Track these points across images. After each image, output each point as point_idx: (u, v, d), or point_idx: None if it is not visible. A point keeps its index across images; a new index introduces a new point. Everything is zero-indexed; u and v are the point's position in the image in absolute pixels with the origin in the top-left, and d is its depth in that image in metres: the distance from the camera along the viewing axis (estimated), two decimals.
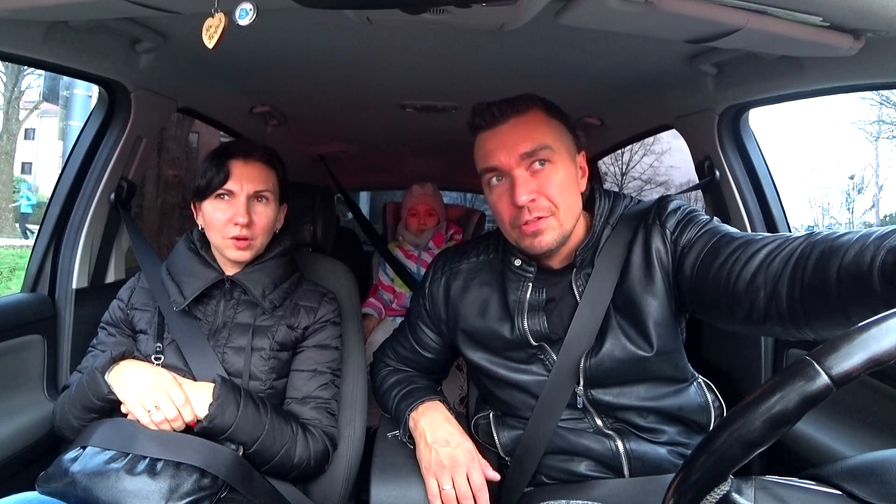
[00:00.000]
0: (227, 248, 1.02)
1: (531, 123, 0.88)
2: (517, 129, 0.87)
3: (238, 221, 0.99)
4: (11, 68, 9.78)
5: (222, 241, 1.02)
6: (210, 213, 1.02)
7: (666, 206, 0.91)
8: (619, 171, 13.10)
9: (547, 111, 0.90)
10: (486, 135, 0.90)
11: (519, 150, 0.86)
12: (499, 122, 0.89)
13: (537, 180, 0.87)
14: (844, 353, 0.39)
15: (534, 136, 0.87)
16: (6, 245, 8.14)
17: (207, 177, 1.01)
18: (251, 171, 1.02)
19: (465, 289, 1.01)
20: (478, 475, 0.89)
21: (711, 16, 0.74)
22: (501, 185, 0.89)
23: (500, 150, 0.88)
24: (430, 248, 2.19)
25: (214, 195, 1.01)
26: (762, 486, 0.46)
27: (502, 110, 0.88)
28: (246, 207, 1.00)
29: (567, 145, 0.91)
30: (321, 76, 1.34)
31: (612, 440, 0.92)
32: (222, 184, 1.00)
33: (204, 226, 1.05)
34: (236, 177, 1.01)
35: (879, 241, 0.58)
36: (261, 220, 1.03)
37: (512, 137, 0.87)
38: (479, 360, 0.98)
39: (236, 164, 1.01)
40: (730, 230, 0.84)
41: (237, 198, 1.01)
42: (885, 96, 12.40)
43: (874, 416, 0.98)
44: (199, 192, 1.02)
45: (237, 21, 0.70)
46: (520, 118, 0.88)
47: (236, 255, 1.02)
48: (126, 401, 0.91)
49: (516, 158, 0.86)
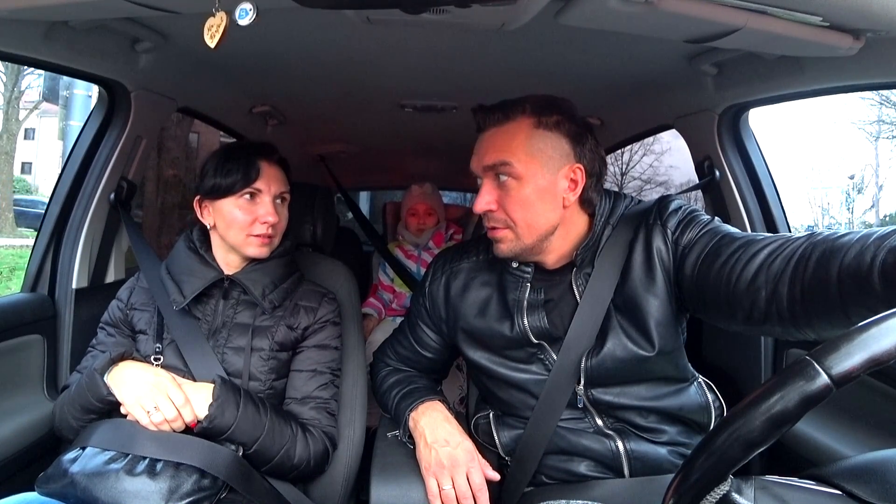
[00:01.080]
0: (249, 246, 1.02)
1: (506, 136, 0.88)
2: (490, 140, 0.89)
3: (267, 220, 1.01)
4: (11, 68, 9.79)
5: (245, 239, 1.02)
6: (230, 212, 1.01)
7: (667, 206, 0.91)
8: (619, 171, 13.11)
9: (537, 121, 0.87)
10: (478, 137, 0.93)
11: (483, 161, 0.89)
12: (482, 128, 0.91)
13: (499, 192, 0.89)
14: (844, 353, 0.39)
15: (500, 150, 0.87)
16: (6, 245, 8.14)
17: (231, 175, 1.00)
18: (275, 172, 1.05)
19: (466, 288, 1.01)
20: (478, 475, 0.89)
21: (711, 16, 0.74)
22: (482, 185, 0.91)
23: (474, 155, 0.91)
24: (430, 248, 2.19)
25: (239, 194, 1.01)
26: (762, 485, 0.46)
27: (486, 118, 0.90)
28: (273, 207, 1.02)
29: (550, 158, 0.87)
30: (321, 76, 1.34)
31: (613, 440, 0.92)
32: (251, 183, 1.01)
33: (218, 224, 1.04)
34: (265, 176, 1.02)
35: (880, 242, 0.59)
36: (282, 221, 1.05)
37: (483, 147, 0.90)
38: (479, 360, 0.98)
39: (264, 164, 1.03)
40: (731, 230, 0.84)
41: (264, 197, 1.02)
42: (885, 96, 12.41)
43: (874, 416, 0.98)
44: (217, 190, 1.01)
45: (237, 21, 0.70)
46: (499, 128, 0.89)
47: (258, 252, 1.03)
48: (125, 402, 0.91)
49: (481, 168, 0.90)
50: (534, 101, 0.89)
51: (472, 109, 0.92)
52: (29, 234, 9.20)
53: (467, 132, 0.97)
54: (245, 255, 1.05)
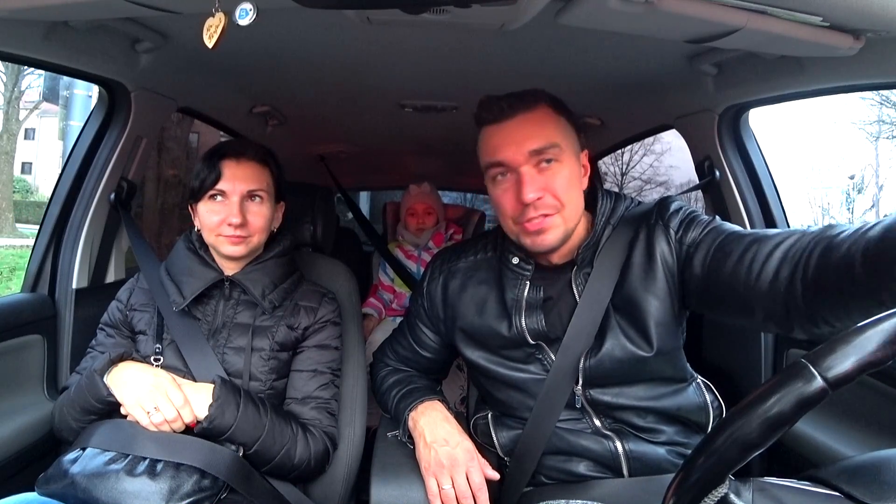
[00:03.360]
0: (221, 246, 1.02)
1: (540, 120, 0.87)
2: (525, 125, 0.86)
3: (231, 222, 0.99)
4: (11, 68, 9.79)
5: (216, 239, 1.02)
6: (204, 215, 1.02)
7: (668, 207, 0.91)
8: (619, 171, 13.10)
9: (554, 108, 0.89)
10: (493, 129, 0.88)
11: (527, 146, 0.85)
12: (507, 117, 0.87)
13: (544, 177, 0.85)
14: (840, 356, 0.39)
15: (542, 133, 0.86)
16: (6, 245, 8.14)
17: (200, 178, 1.01)
18: (244, 171, 1.02)
19: (463, 287, 1.01)
20: (477, 474, 0.89)
21: (711, 16, 0.74)
22: (507, 180, 0.88)
23: (507, 145, 0.86)
24: (429, 248, 2.19)
25: (207, 196, 1.01)
26: (760, 487, 0.46)
27: (511, 105, 0.86)
28: (239, 208, 1.00)
29: (572, 143, 0.90)
30: (321, 76, 1.33)
31: (611, 440, 0.92)
32: (214, 184, 1.00)
33: (199, 227, 1.05)
34: (228, 177, 1.00)
35: (867, 231, 0.60)
36: (255, 220, 1.03)
37: (521, 133, 0.86)
38: (477, 359, 0.98)
39: (228, 165, 1.01)
40: (733, 227, 0.84)
41: (230, 198, 1.01)
42: (885, 96, 12.39)
43: (874, 416, 0.98)
44: (194, 193, 1.03)
45: (237, 21, 0.70)
46: (528, 114, 0.87)
47: (231, 251, 1.02)
48: (125, 403, 0.91)
49: (525, 155, 0.85)
50: (543, 91, 0.90)
51: (493, 97, 0.88)
52: (29, 234, 9.21)
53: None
54: (223, 255, 1.04)
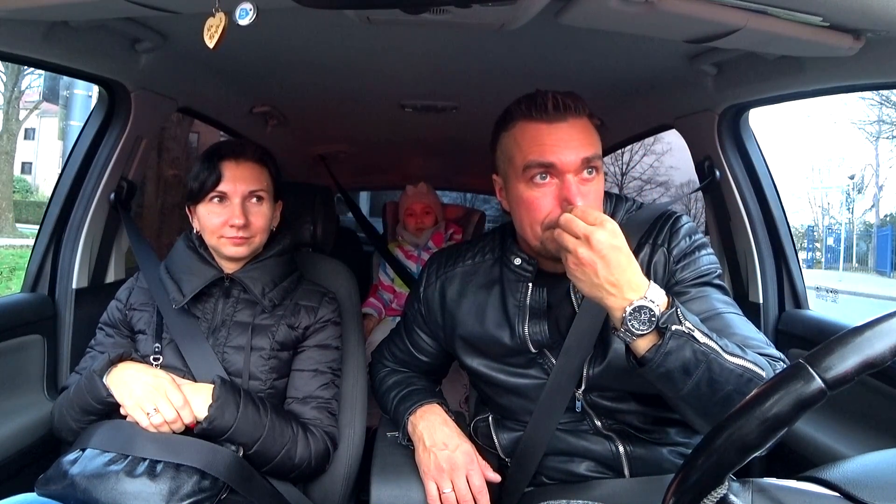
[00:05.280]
0: (223, 247, 1.02)
1: (588, 127, 0.83)
2: (579, 131, 0.82)
3: (234, 223, 0.99)
4: (11, 68, 9.77)
5: (218, 241, 1.02)
6: (205, 217, 1.01)
7: (677, 230, 0.89)
8: (619, 171, 13.10)
9: (590, 117, 0.85)
10: (542, 127, 0.82)
11: (583, 153, 0.80)
12: (557, 118, 0.81)
13: (586, 187, 0.82)
14: (838, 357, 0.40)
15: (593, 140, 0.83)
16: (6, 245, 8.14)
17: (200, 180, 1.00)
18: (244, 172, 1.01)
19: (462, 294, 0.99)
20: (477, 477, 0.88)
21: (711, 16, 0.74)
22: (547, 183, 0.82)
23: (561, 148, 0.80)
24: (429, 248, 2.19)
25: (208, 198, 1.01)
26: (759, 488, 0.46)
27: (565, 105, 0.81)
28: (241, 209, 1.00)
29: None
30: (321, 76, 1.34)
31: (612, 441, 0.92)
32: (214, 186, 0.99)
33: (200, 229, 1.04)
34: (228, 178, 1.00)
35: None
36: (257, 220, 1.02)
37: (576, 139, 0.81)
38: (478, 367, 0.97)
39: (228, 166, 1.00)
40: (712, 307, 0.83)
41: (231, 199, 1.00)
42: (885, 96, 12.42)
43: (874, 416, 0.98)
44: (193, 195, 1.02)
45: (237, 21, 0.70)
46: (579, 119, 0.82)
47: (234, 252, 1.02)
48: (125, 403, 0.90)
49: (579, 162, 0.80)
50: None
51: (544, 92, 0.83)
52: (29, 234, 9.20)
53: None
54: (225, 256, 1.04)
